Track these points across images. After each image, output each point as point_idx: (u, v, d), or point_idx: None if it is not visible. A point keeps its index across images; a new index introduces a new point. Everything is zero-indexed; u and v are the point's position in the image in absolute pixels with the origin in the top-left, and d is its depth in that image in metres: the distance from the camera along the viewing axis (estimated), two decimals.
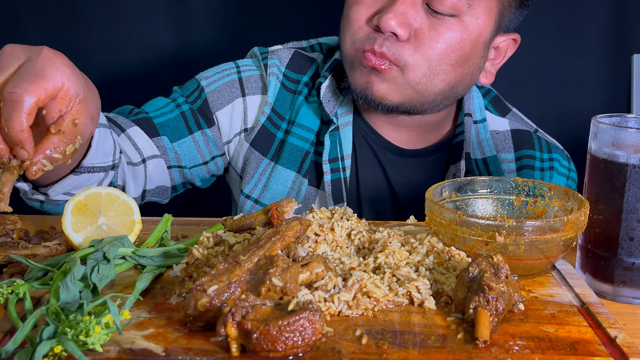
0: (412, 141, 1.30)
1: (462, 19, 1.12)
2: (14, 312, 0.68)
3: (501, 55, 1.24)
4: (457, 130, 1.31)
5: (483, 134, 1.30)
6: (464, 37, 1.13)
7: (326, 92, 1.25)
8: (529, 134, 1.34)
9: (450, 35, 1.12)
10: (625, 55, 1.86)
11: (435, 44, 1.12)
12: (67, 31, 1.79)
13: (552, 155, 1.34)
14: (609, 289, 0.87)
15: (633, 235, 0.84)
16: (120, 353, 0.63)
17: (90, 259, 0.78)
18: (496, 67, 1.25)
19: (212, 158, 1.29)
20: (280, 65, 1.29)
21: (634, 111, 1.86)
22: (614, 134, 0.84)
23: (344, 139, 1.25)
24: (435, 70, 1.14)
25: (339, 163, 1.25)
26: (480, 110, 1.31)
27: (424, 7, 1.11)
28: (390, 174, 1.30)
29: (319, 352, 0.64)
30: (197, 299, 0.67)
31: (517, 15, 1.21)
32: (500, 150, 1.31)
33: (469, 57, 1.16)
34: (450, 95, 1.21)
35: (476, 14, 1.13)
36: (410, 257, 0.82)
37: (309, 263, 0.73)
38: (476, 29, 1.13)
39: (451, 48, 1.13)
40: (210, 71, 1.31)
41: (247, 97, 1.28)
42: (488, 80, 1.25)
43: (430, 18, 1.11)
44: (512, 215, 0.96)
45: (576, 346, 0.67)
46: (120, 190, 0.90)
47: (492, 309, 0.69)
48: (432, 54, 1.12)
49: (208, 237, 0.85)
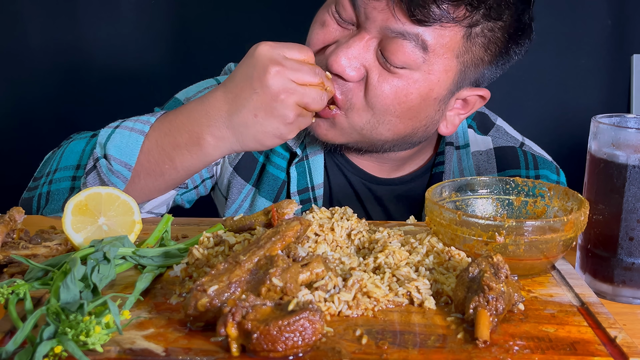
0: (386, 172, 1.28)
1: (412, 72, 1.06)
2: (15, 312, 0.68)
3: (468, 107, 1.18)
4: (437, 160, 1.28)
5: (465, 162, 1.27)
6: (411, 90, 1.07)
7: None
8: (513, 150, 1.30)
9: (398, 87, 1.06)
10: (625, 55, 1.86)
11: (381, 93, 1.07)
12: (67, 31, 1.79)
13: (538, 172, 1.30)
14: (609, 289, 0.87)
15: (633, 235, 0.84)
16: (120, 353, 0.63)
17: (90, 259, 0.78)
18: (461, 118, 1.19)
19: (202, 181, 1.28)
20: None
21: (634, 111, 1.86)
22: (613, 134, 0.85)
23: (314, 169, 1.23)
24: (380, 119, 1.10)
25: (309, 193, 1.23)
26: (463, 135, 1.28)
27: (378, 54, 1.06)
28: (367, 203, 1.28)
29: (319, 352, 0.64)
30: (198, 299, 0.67)
31: (490, 71, 1.15)
32: (483, 172, 1.28)
33: (419, 110, 1.11)
34: (405, 143, 1.17)
35: (430, 70, 1.07)
36: (410, 257, 0.82)
37: (309, 263, 0.73)
38: (426, 85, 1.08)
39: (397, 100, 1.07)
40: (191, 90, 1.29)
41: None
42: (449, 130, 1.19)
43: (380, 66, 1.06)
44: (512, 215, 0.96)
45: (576, 346, 0.67)
46: (120, 191, 0.90)
47: (492, 309, 0.69)
48: (377, 102, 1.07)
49: (208, 237, 0.85)
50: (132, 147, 1.04)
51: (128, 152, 1.04)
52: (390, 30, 1.04)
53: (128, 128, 1.06)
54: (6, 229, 0.89)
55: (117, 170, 1.03)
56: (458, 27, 1.05)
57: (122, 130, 1.06)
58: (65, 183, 1.12)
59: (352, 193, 1.28)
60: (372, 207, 1.29)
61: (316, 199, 1.23)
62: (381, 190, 1.28)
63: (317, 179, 1.23)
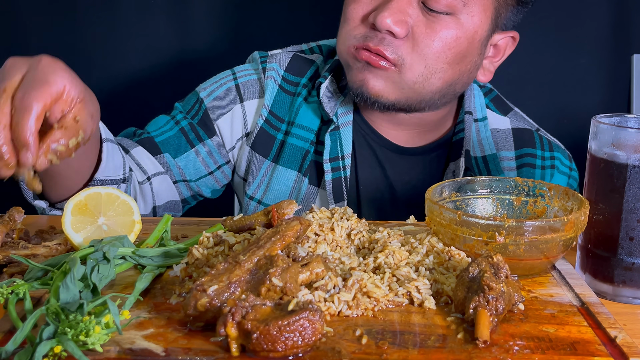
0: (411, 139, 1.30)
1: (458, 16, 1.12)
2: (14, 312, 0.68)
3: (500, 53, 1.24)
4: (457, 128, 1.31)
5: (483, 132, 1.30)
6: (460, 34, 1.13)
7: (326, 91, 1.25)
8: (530, 132, 1.34)
9: (447, 33, 1.12)
10: (625, 55, 1.86)
11: (431, 42, 1.12)
12: (67, 31, 1.79)
13: (553, 153, 1.34)
14: (609, 289, 0.87)
15: (633, 235, 0.84)
16: (120, 353, 0.63)
17: (90, 259, 0.78)
18: (495, 65, 1.25)
19: (218, 167, 1.30)
20: (279, 68, 1.29)
21: (634, 111, 1.86)
22: (614, 134, 0.84)
23: (344, 138, 1.25)
24: (433, 68, 1.14)
25: (339, 162, 1.25)
26: (481, 109, 1.31)
27: (420, 5, 1.11)
28: (390, 173, 1.31)
29: (319, 352, 0.64)
30: (197, 299, 0.67)
31: (515, 13, 1.21)
32: (501, 148, 1.31)
33: (466, 54, 1.16)
34: (448, 93, 1.21)
35: (472, 12, 1.13)
36: (410, 257, 0.82)
37: (309, 263, 0.73)
38: (472, 27, 1.14)
39: (448, 46, 1.13)
40: (208, 82, 1.32)
41: (245, 102, 1.29)
42: (486, 77, 1.25)
43: (426, 16, 1.12)
44: (512, 215, 0.96)
45: (576, 346, 0.67)
46: (120, 191, 0.90)
47: (492, 309, 0.69)
48: (429, 52, 1.12)
49: (208, 237, 0.85)
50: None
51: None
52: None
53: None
54: (6, 229, 0.89)
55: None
56: None
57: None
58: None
59: (376, 163, 1.30)
60: (395, 176, 1.31)
61: (345, 168, 1.25)
62: (405, 160, 1.30)
63: (347, 149, 1.25)
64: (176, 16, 1.82)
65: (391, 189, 1.31)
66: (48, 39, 1.79)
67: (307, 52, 1.35)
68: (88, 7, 1.79)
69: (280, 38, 1.64)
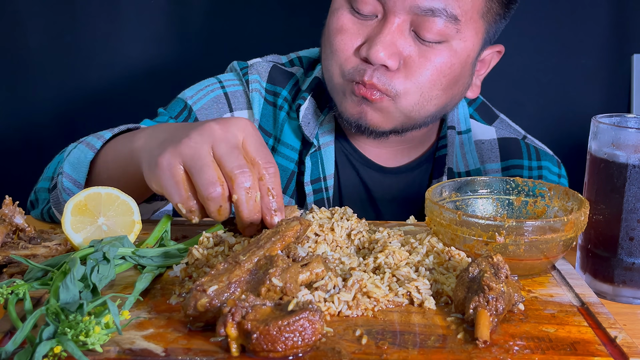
0: (394, 158, 1.29)
1: (451, 43, 1.09)
2: (14, 313, 0.68)
3: (485, 66, 1.22)
4: (440, 143, 1.29)
5: (467, 146, 1.29)
6: (454, 61, 1.11)
7: (306, 114, 1.22)
8: (516, 141, 1.32)
9: (440, 61, 1.09)
10: (625, 55, 1.86)
11: (425, 71, 1.09)
12: (67, 31, 1.79)
13: (540, 162, 1.32)
14: (609, 289, 0.87)
15: (633, 235, 0.84)
16: (120, 353, 0.63)
17: (90, 259, 0.78)
18: (481, 79, 1.23)
19: None
20: (261, 80, 1.27)
21: (634, 111, 1.86)
22: (613, 134, 0.84)
23: (326, 159, 1.23)
24: (428, 96, 1.12)
25: (321, 183, 1.24)
26: (465, 120, 1.30)
27: (412, 35, 1.09)
28: (374, 192, 1.29)
29: (319, 352, 0.64)
30: (197, 299, 0.67)
31: (502, 25, 1.19)
32: (486, 160, 1.30)
33: (459, 78, 1.14)
34: (439, 115, 1.20)
35: (464, 37, 1.10)
36: (410, 257, 0.82)
37: (309, 263, 0.73)
38: (465, 52, 1.12)
39: (442, 73, 1.11)
40: (193, 89, 1.29)
41: (235, 112, 1.26)
42: (474, 93, 1.23)
43: (418, 45, 1.09)
44: (512, 215, 0.96)
45: (576, 346, 0.67)
46: (120, 191, 0.90)
47: (492, 309, 0.69)
48: (424, 80, 1.10)
49: (208, 237, 0.85)
50: (82, 164, 1.01)
51: (79, 168, 1.02)
52: (419, 9, 1.06)
53: (85, 143, 1.04)
54: (6, 230, 0.89)
55: (67, 186, 1.01)
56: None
57: (81, 145, 1.04)
58: (43, 194, 1.13)
59: (359, 182, 1.29)
60: (379, 196, 1.29)
61: (327, 189, 1.24)
62: (388, 179, 1.29)
63: (328, 169, 1.24)
64: (176, 16, 1.81)
65: (375, 209, 1.30)
66: (48, 39, 1.79)
67: (287, 65, 1.32)
68: (88, 7, 1.78)
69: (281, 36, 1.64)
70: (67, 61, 1.82)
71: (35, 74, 1.83)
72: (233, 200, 0.81)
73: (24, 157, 1.85)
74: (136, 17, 1.80)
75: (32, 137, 1.86)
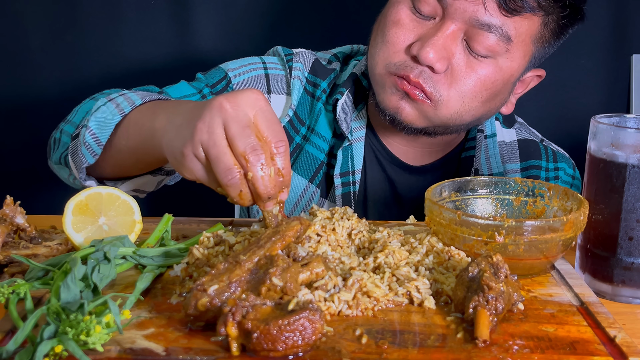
0: (421, 157, 1.31)
1: (497, 60, 1.11)
2: (15, 312, 0.68)
3: (523, 87, 1.24)
4: (467, 145, 1.31)
5: (492, 149, 1.31)
6: (497, 77, 1.12)
7: (342, 108, 1.24)
8: (535, 143, 1.35)
9: (485, 74, 1.11)
10: (625, 55, 1.86)
11: (469, 81, 1.11)
12: (67, 31, 1.79)
13: (557, 164, 1.35)
14: (609, 289, 0.87)
15: (632, 235, 0.84)
16: (120, 352, 0.63)
17: (90, 258, 0.78)
18: (516, 97, 1.25)
19: None
20: (304, 69, 1.29)
21: (634, 111, 1.86)
22: (613, 134, 0.85)
23: (356, 154, 1.25)
24: (468, 106, 1.14)
25: (349, 177, 1.25)
26: (491, 125, 1.32)
27: (463, 44, 1.10)
28: (399, 189, 1.31)
29: (319, 351, 0.64)
30: (198, 298, 0.67)
31: (549, 51, 1.20)
32: (507, 161, 1.32)
33: (499, 94, 1.16)
34: (472, 125, 1.22)
35: (512, 57, 1.12)
36: (410, 256, 0.82)
37: (309, 263, 0.73)
38: (509, 71, 1.13)
39: (484, 86, 1.12)
40: (236, 63, 1.30)
41: (272, 94, 1.28)
42: (508, 110, 1.24)
43: (467, 55, 1.10)
44: (512, 215, 0.96)
45: (575, 346, 0.68)
46: (120, 191, 0.90)
47: (491, 309, 0.69)
48: (466, 90, 1.12)
49: (208, 237, 0.85)
50: (108, 125, 1.02)
51: (103, 128, 1.02)
52: (477, 22, 1.07)
53: (115, 103, 1.04)
54: (7, 229, 0.89)
55: (88, 142, 1.01)
56: (538, 16, 1.10)
57: (110, 104, 1.04)
58: (66, 138, 1.13)
59: (385, 179, 1.30)
60: (404, 193, 1.31)
61: (355, 183, 1.25)
62: (413, 178, 1.30)
63: (357, 164, 1.25)
64: (177, 16, 1.82)
65: (399, 205, 1.31)
66: (48, 39, 1.79)
67: (332, 59, 1.34)
68: (88, 7, 1.79)
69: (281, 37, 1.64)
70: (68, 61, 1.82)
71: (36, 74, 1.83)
72: (248, 177, 0.81)
73: (25, 157, 1.85)
74: (136, 17, 1.80)
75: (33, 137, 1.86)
